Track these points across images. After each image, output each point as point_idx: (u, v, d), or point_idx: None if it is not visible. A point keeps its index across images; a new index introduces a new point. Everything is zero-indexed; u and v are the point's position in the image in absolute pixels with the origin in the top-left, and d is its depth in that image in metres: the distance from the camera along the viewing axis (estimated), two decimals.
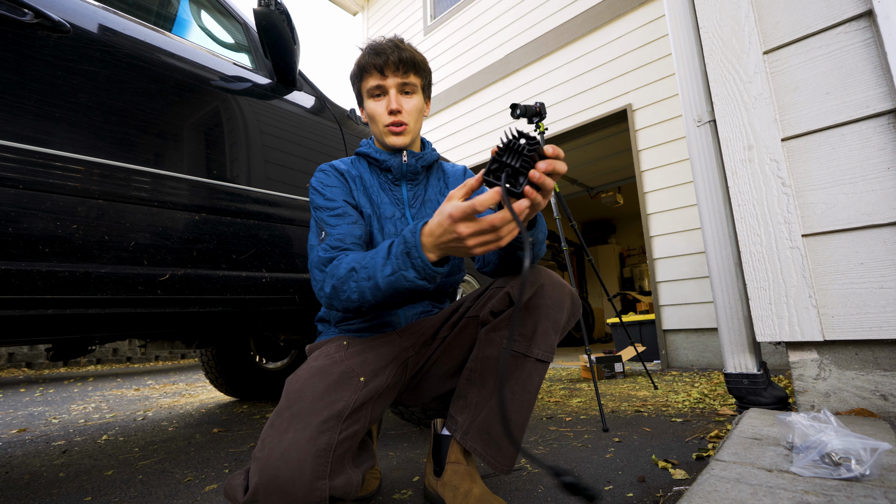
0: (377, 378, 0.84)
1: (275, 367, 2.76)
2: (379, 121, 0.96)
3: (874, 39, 1.06)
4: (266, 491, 0.65)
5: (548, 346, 0.84)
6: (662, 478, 1.03)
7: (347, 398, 0.77)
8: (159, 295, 1.07)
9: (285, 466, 0.66)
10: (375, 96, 0.96)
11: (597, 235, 8.85)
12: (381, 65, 0.92)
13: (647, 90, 3.51)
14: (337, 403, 0.76)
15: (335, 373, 0.81)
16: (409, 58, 0.93)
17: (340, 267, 0.79)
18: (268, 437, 0.71)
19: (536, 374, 0.84)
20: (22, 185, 0.88)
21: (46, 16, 0.95)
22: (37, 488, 1.24)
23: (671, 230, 3.34)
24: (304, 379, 0.80)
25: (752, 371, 1.28)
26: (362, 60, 0.95)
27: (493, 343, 0.85)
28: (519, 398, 0.83)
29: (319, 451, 0.69)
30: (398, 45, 0.94)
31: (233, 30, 1.58)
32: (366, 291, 0.75)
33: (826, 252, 1.11)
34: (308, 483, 0.66)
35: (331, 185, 0.95)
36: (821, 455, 0.68)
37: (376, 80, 0.94)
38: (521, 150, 0.63)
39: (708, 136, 1.40)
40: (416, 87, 0.97)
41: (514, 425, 0.83)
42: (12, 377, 4.74)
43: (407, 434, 1.65)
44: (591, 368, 1.74)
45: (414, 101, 0.96)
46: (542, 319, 0.83)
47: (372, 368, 0.85)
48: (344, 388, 0.79)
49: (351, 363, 0.84)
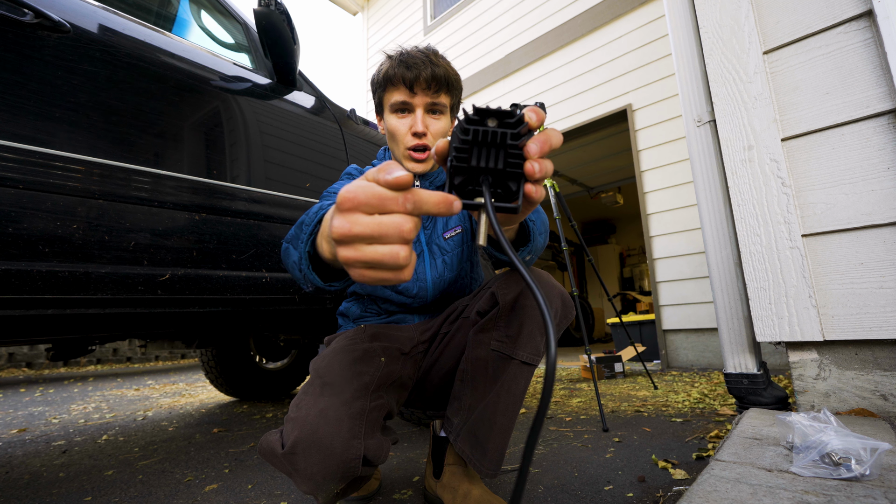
0: (394, 363, 0.85)
1: (275, 367, 2.76)
2: (400, 141, 0.88)
3: (874, 39, 1.06)
4: (305, 444, 0.67)
5: (533, 349, 0.80)
6: (662, 478, 1.03)
7: (372, 372, 0.79)
8: (159, 295, 1.07)
9: (324, 423, 0.68)
10: (400, 111, 0.88)
11: (597, 235, 8.86)
12: (412, 80, 0.83)
13: (647, 90, 3.51)
14: (364, 376, 0.78)
15: (358, 350, 0.83)
16: (443, 75, 0.85)
17: None
18: (302, 401, 0.73)
19: (522, 377, 0.81)
20: (22, 185, 0.88)
21: (46, 16, 0.95)
22: (37, 488, 1.24)
23: (671, 230, 3.34)
24: (329, 357, 0.81)
25: (752, 371, 1.28)
26: (390, 71, 0.86)
27: (480, 344, 0.82)
28: (504, 401, 0.80)
29: (354, 414, 0.71)
30: (431, 59, 0.85)
31: (233, 30, 1.58)
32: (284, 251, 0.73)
33: (826, 252, 1.11)
34: (346, 440, 0.68)
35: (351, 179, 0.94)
36: (821, 455, 0.68)
37: (403, 95, 0.86)
38: (497, 141, 0.37)
39: (708, 136, 1.40)
40: (446, 108, 0.89)
41: (499, 428, 0.80)
42: (12, 377, 4.74)
43: (407, 434, 1.65)
44: (591, 368, 1.74)
45: (441, 123, 0.88)
46: (526, 321, 0.79)
47: (391, 352, 0.86)
48: (368, 363, 0.80)
49: (371, 345, 0.85)
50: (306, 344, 2.51)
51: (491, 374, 0.82)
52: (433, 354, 0.94)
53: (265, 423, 1.97)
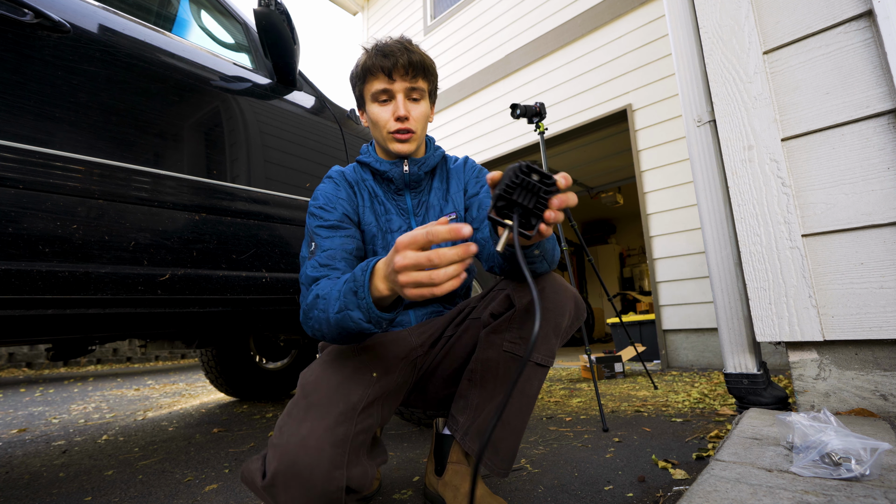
0: (388, 375, 0.84)
1: (275, 367, 2.76)
2: (383, 127, 0.91)
3: (874, 39, 1.06)
4: (285, 476, 0.65)
5: (548, 350, 0.83)
6: (662, 478, 1.03)
7: (361, 392, 0.77)
8: (159, 295, 1.07)
9: (304, 454, 0.66)
10: (381, 101, 0.91)
11: (597, 235, 8.85)
12: (390, 68, 0.87)
13: (647, 90, 3.51)
14: (351, 396, 0.75)
15: (349, 366, 0.80)
16: (419, 61, 0.89)
17: (311, 293, 0.77)
18: (285, 425, 0.71)
19: (536, 378, 0.83)
20: (22, 185, 0.88)
21: (46, 16, 0.95)
22: (37, 488, 1.24)
23: (671, 230, 3.34)
24: (318, 372, 0.79)
25: (752, 371, 1.28)
26: (368, 62, 0.89)
27: (492, 345, 0.84)
28: (517, 402, 0.82)
29: (337, 441, 0.69)
30: (407, 47, 0.89)
31: (233, 30, 1.58)
32: (322, 324, 0.73)
33: (826, 252, 1.11)
34: (326, 471, 0.66)
35: (335, 195, 0.91)
36: (821, 455, 0.68)
37: (383, 83, 0.89)
38: (535, 190, 0.56)
39: (708, 136, 1.40)
40: (424, 92, 0.92)
41: (512, 429, 0.82)
42: (12, 377, 4.74)
43: (407, 434, 1.65)
44: (591, 368, 1.74)
45: (421, 107, 0.92)
46: (542, 323, 0.81)
47: (383, 365, 0.84)
48: (357, 381, 0.78)
49: (363, 358, 0.83)
50: (306, 344, 2.51)
51: (502, 374, 0.83)
52: (436, 356, 0.94)
53: (265, 423, 1.97)
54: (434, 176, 1.02)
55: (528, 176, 0.56)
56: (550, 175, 0.57)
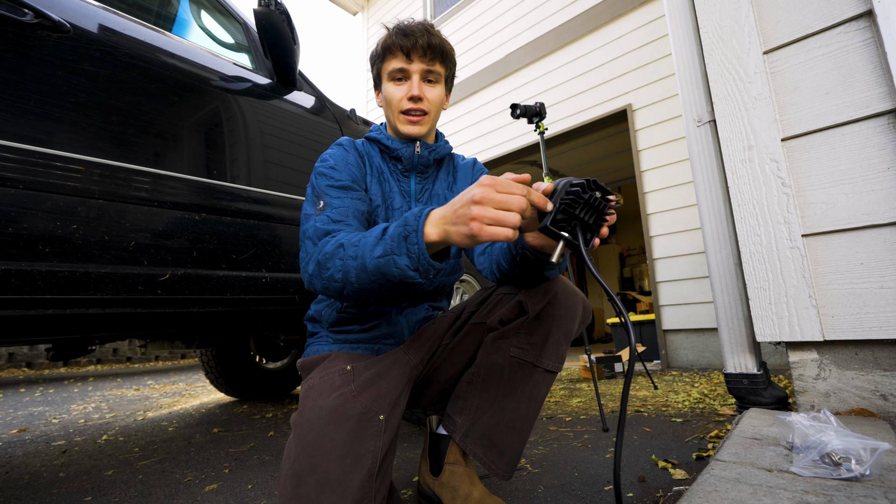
0: (396, 409, 0.78)
1: (275, 367, 2.76)
2: (396, 106, 0.90)
3: (874, 39, 1.06)
4: None
5: (558, 357, 0.83)
6: (662, 478, 1.03)
7: (373, 448, 0.71)
8: (159, 295, 1.07)
9: None
10: (397, 80, 0.90)
11: None
12: (409, 47, 0.86)
13: (647, 90, 3.51)
14: (364, 459, 0.69)
15: (352, 416, 0.72)
16: (439, 44, 0.88)
17: (330, 243, 0.73)
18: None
19: (544, 384, 0.83)
20: (22, 185, 0.88)
21: (46, 16, 0.95)
22: (37, 488, 1.24)
23: (671, 230, 3.34)
24: (318, 426, 0.71)
25: (752, 371, 1.28)
26: (388, 40, 0.89)
27: (499, 350, 0.83)
28: (525, 407, 0.82)
29: None
30: (428, 30, 0.88)
31: (233, 30, 1.58)
32: (350, 271, 0.68)
33: (826, 252, 1.11)
34: None
35: (344, 159, 0.90)
36: (821, 455, 0.68)
37: (401, 62, 0.88)
38: (597, 206, 0.58)
39: (708, 136, 1.40)
40: (441, 76, 0.92)
41: (518, 433, 0.82)
42: (12, 377, 4.74)
43: (406, 434, 1.65)
44: (591, 368, 1.74)
45: (436, 90, 0.92)
46: (553, 329, 0.82)
47: (389, 401, 0.77)
48: (366, 435, 0.71)
49: (365, 399, 0.75)
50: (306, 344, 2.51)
51: (506, 379, 0.83)
52: (433, 364, 0.92)
53: (265, 423, 1.97)
54: (441, 167, 1.01)
55: (592, 192, 0.58)
56: (612, 192, 0.59)
